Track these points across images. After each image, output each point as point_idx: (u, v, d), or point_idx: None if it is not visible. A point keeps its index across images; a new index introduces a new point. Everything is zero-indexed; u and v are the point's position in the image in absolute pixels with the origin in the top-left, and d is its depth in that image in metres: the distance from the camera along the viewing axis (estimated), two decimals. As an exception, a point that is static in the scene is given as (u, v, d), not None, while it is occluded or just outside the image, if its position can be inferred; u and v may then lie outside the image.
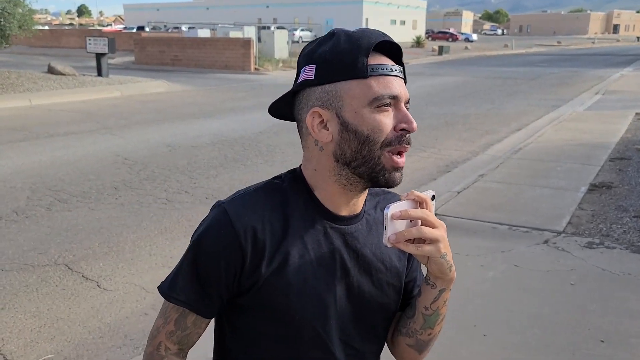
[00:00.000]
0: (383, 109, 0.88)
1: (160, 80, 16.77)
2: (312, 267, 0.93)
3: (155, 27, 43.38)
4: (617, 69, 24.00)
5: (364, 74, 0.87)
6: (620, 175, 6.26)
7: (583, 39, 75.57)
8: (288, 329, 0.94)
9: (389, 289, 1.01)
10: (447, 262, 0.91)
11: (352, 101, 0.88)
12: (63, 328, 3.18)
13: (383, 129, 0.88)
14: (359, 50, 0.87)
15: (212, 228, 0.94)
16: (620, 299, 3.38)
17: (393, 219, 0.84)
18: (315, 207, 0.95)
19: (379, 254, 0.99)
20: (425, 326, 1.01)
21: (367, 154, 0.88)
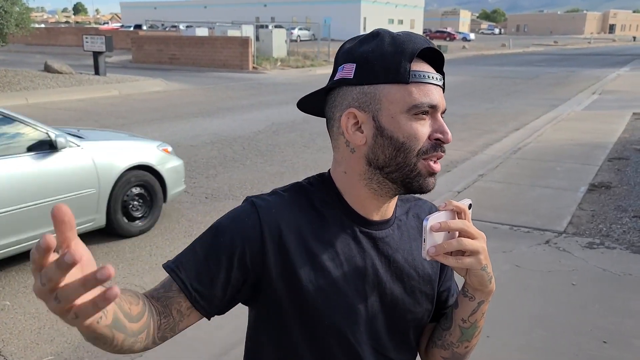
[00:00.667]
0: (421, 117, 0.85)
1: (158, 79, 16.73)
2: (341, 271, 0.89)
3: (153, 25, 43.27)
4: (614, 69, 24.06)
5: (406, 80, 0.84)
6: (618, 175, 6.27)
7: (579, 38, 75.76)
8: (316, 334, 0.90)
9: (422, 297, 0.97)
10: (487, 274, 0.88)
11: (390, 106, 0.85)
12: (63, 329, 3.16)
13: (419, 137, 0.85)
14: (402, 54, 0.84)
15: (237, 215, 0.90)
16: (622, 299, 3.38)
17: (432, 230, 0.82)
18: (345, 211, 0.92)
19: (411, 260, 0.96)
20: (463, 339, 0.97)
21: (402, 161, 0.86)
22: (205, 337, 3.04)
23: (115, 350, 0.78)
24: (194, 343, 2.98)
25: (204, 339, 3.02)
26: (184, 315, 0.87)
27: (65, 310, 0.58)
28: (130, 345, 0.78)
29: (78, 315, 0.58)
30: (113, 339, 0.72)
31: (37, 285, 0.57)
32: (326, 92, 0.93)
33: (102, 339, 0.70)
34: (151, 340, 0.83)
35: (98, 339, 0.70)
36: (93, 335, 0.68)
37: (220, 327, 3.11)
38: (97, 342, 0.72)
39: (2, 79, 13.83)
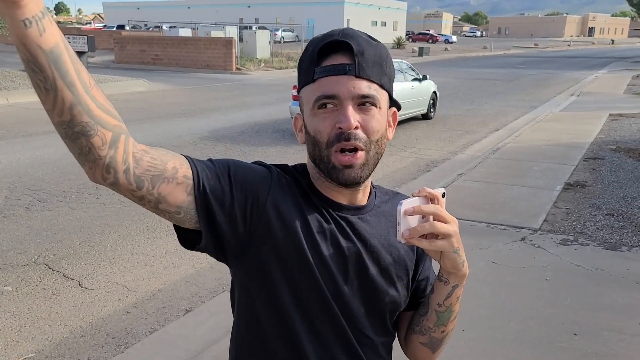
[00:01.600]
0: (326, 109, 0.90)
1: (141, 80, 16.63)
2: (327, 244, 0.94)
3: (136, 25, 42.91)
4: (592, 71, 24.50)
5: (311, 78, 0.91)
6: (593, 174, 6.42)
7: (559, 41, 76.88)
8: (307, 291, 0.94)
9: (397, 281, 1.02)
10: (460, 257, 0.92)
11: (305, 105, 0.94)
12: (44, 327, 3.16)
13: (322, 129, 0.91)
14: (311, 56, 0.92)
15: (254, 166, 0.97)
16: (593, 294, 3.49)
17: (406, 214, 0.86)
18: (319, 196, 0.98)
19: (387, 245, 1.01)
20: (439, 323, 1.02)
21: (319, 154, 0.93)
22: (186, 333, 3.07)
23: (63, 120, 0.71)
24: (175, 339, 3.01)
25: (185, 335, 3.05)
26: (175, 178, 0.83)
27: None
28: (86, 121, 0.71)
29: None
30: (52, 81, 0.68)
31: None
32: None
33: (37, 72, 0.67)
34: (119, 157, 0.75)
35: (33, 70, 0.67)
36: (29, 57, 0.66)
37: (200, 324, 3.15)
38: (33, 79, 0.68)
39: (-19, 78, 13.64)
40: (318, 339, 0.96)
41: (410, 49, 40.83)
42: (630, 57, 37.91)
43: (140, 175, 0.79)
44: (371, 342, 1.02)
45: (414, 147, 8.25)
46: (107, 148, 0.74)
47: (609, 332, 3.03)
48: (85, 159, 0.75)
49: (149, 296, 3.56)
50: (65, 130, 0.72)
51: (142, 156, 0.79)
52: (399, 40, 43.38)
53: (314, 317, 0.95)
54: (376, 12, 60.28)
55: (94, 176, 0.77)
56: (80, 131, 0.72)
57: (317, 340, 0.96)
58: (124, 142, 0.76)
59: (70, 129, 0.72)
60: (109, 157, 0.75)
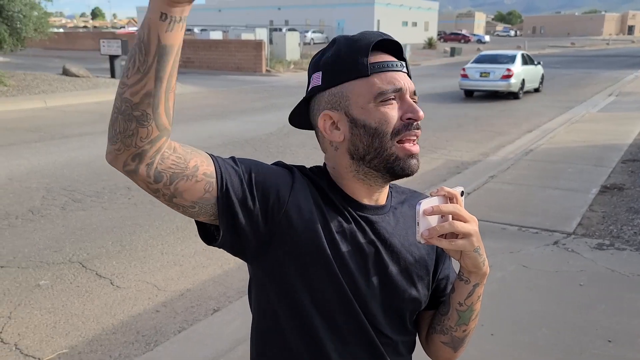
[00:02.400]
0: (388, 102, 0.93)
1: (172, 82, 16.90)
2: (348, 247, 0.95)
3: (168, 29, 43.66)
4: (632, 71, 23.74)
5: (366, 73, 0.92)
6: (632, 177, 6.22)
7: (597, 40, 74.84)
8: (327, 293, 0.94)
9: (418, 281, 1.02)
10: (480, 256, 0.93)
11: (358, 99, 0.93)
12: (77, 324, 3.25)
13: (389, 120, 0.92)
14: (358, 51, 0.93)
15: (276, 167, 0.97)
16: (629, 299, 3.38)
17: (425, 214, 0.86)
18: (341, 196, 0.98)
19: (407, 245, 1.01)
20: (460, 322, 1.02)
21: (379, 146, 0.93)
22: (213, 332, 3.11)
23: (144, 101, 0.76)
24: (203, 338, 3.05)
25: (213, 334, 3.09)
26: (195, 175, 0.84)
27: None
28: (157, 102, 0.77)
29: None
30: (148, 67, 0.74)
31: None
32: (307, 104, 1.02)
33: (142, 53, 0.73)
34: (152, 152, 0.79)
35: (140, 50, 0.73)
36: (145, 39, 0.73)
37: (228, 323, 3.18)
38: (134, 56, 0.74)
39: (21, 82, 14.12)
40: (338, 335, 0.96)
41: (441, 50, 40.42)
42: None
43: (161, 171, 0.81)
44: (390, 341, 1.02)
45: (444, 149, 8.15)
46: (146, 142, 0.78)
47: (645, 340, 2.93)
48: (121, 139, 0.77)
49: (178, 295, 3.62)
50: (126, 107, 0.76)
51: (169, 155, 0.82)
52: (430, 41, 43.00)
53: (334, 314, 0.95)
54: (407, 13, 59.84)
55: (116, 159, 0.79)
56: (137, 116, 0.76)
57: (337, 336, 0.96)
58: (161, 143, 0.80)
59: (131, 109, 0.76)
60: (142, 150, 0.78)
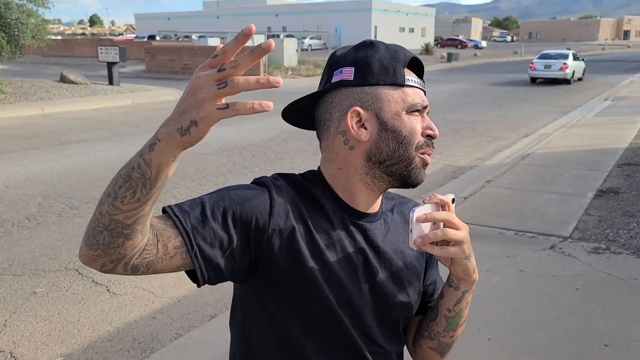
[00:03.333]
0: (415, 114, 0.96)
1: (170, 89, 16.94)
2: (337, 258, 0.94)
3: (166, 36, 43.84)
4: (627, 75, 23.86)
5: (402, 83, 0.94)
6: (628, 181, 6.24)
7: (593, 45, 75.16)
8: (313, 314, 0.93)
9: (410, 288, 1.02)
10: (471, 264, 0.94)
11: (392, 104, 0.94)
12: (73, 331, 3.24)
13: (417, 132, 0.95)
14: (397, 60, 0.95)
15: (250, 189, 0.93)
16: (626, 303, 3.38)
17: (418, 221, 0.87)
18: (337, 202, 0.97)
19: (398, 252, 1.01)
20: (448, 328, 1.03)
21: (403, 154, 0.94)
22: (210, 339, 3.10)
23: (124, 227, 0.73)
24: (199, 345, 3.04)
25: (209, 340, 3.08)
26: (167, 254, 0.82)
27: (219, 99, 0.68)
28: (134, 229, 0.74)
29: (229, 107, 0.68)
30: (149, 201, 0.72)
31: (210, 72, 0.69)
32: (318, 97, 0.99)
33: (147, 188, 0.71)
34: (132, 255, 0.78)
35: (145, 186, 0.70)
36: (155, 170, 0.70)
37: (224, 330, 3.16)
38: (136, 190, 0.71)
39: (18, 89, 14.12)
40: (327, 354, 0.96)
41: (438, 55, 40.54)
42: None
43: (137, 264, 0.80)
44: (384, 351, 1.01)
45: (442, 154, 8.17)
46: (130, 249, 0.77)
47: (642, 344, 2.93)
48: (103, 249, 0.75)
49: (174, 302, 3.61)
50: (116, 226, 0.74)
51: (144, 247, 0.80)
52: (427, 47, 43.14)
53: (322, 333, 0.95)
54: (404, 19, 60.07)
55: (94, 262, 0.77)
56: (127, 234, 0.75)
57: (326, 356, 0.96)
58: (142, 243, 0.79)
59: (122, 229, 0.74)
60: (123, 254, 0.77)
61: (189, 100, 0.69)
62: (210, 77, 0.68)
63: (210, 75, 0.68)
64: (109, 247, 0.75)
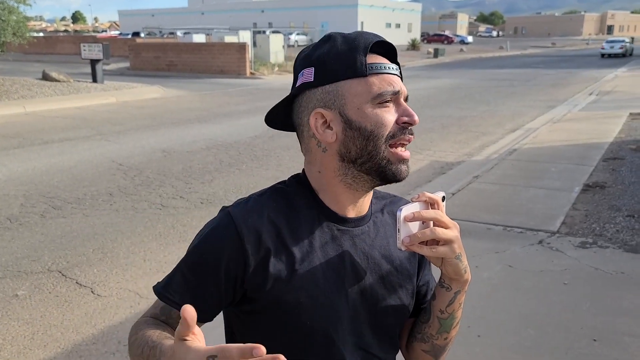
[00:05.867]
0: (384, 105, 0.89)
1: (155, 86, 16.78)
2: (321, 270, 0.90)
3: (151, 32, 43.42)
4: (611, 70, 24.10)
5: (364, 72, 0.88)
6: (613, 175, 6.28)
7: (577, 40, 75.88)
8: (299, 336, 0.91)
9: (402, 292, 0.99)
10: (462, 263, 0.90)
11: (354, 99, 0.88)
12: (56, 335, 3.17)
13: (386, 123, 0.89)
14: (356, 50, 0.89)
15: (215, 230, 0.91)
16: (614, 297, 3.39)
17: (406, 220, 0.83)
18: (321, 209, 0.94)
19: (388, 256, 0.98)
20: (442, 330, 1.00)
21: (373, 149, 0.89)
22: (197, 340, 3.04)
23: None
24: (186, 347, 2.99)
25: (196, 342, 3.03)
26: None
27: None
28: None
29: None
30: None
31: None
32: (291, 101, 0.96)
33: None
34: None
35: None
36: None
37: (212, 330, 3.12)
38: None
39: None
40: None
41: (425, 51, 40.64)
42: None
43: None
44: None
45: (429, 150, 8.17)
46: None
47: (630, 338, 2.94)
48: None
49: (160, 303, 3.55)
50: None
51: None
52: (413, 42, 43.21)
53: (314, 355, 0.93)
54: (390, 14, 60.12)
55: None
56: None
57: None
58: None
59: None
60: None
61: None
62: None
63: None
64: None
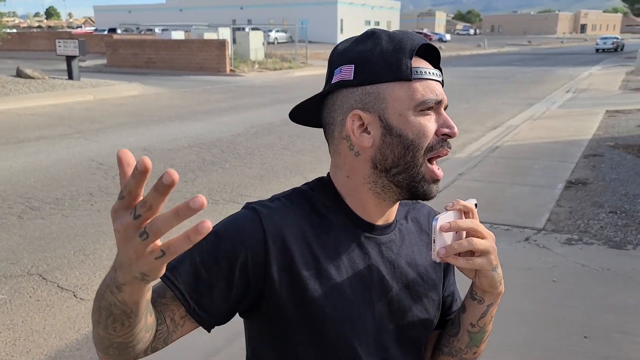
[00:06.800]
0: (426, 112, 0.84)
1: (134, 83, 16.50)
2: (347, 278, 0.85)
3: (128, 29, 42.73)
4: (586, 68, 24.54)
5: (409, 77, 0.82)
6: (594, 171, 6.37)
7: (552, 38, 77.15)
8: (322, 349, 0.85)
9: (429, 304, 0.94)
10: (498, 275, 0.86)
11: (397, 104, 0.83)
12: (39, 341, 3.06)
13: (427, 133, 0.83)
14: (402, 51, 0.83)
15: (238, 221, 0.85)
16: (602, 294, 3.42)
17: (442, 231, 0.79)
18: (348, 215, 0.88)
19: (414, 265, 0.93)
20: (471, 344, 0.95)
21: (411, 160, 0.83)
22: (184, 344, 2.97)
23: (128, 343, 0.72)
24: (173, 350, 2.91)
25: (183, 346, 2.95)
26: (177, 325, 0.81)
27: (150, 250, 0.57)
28: (139, 340, 0.73)
29: (166, 252, 0.57)
30: (140, 322, 0.70)
31: (125, 220, 0.56)
32: (322, 97, 0.89)
33: (133, 317, 0.68)
34: (148, 345, 0.77)
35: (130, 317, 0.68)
36: (134, 306, 0.66)
37: (199, 334, 3.05)
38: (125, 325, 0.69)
39: (-29, 84, 13.49)
40: None
41: (404, 48, 40.77)
42: (623, 52, 38.16)
43: (155, 345, 0.80)
44: None
45: (412, 147, 8.18)
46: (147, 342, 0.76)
47: (619, 334, 2.96)
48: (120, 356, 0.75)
49: (146, 306, 3.46)
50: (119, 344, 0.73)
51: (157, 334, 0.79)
52: (392, 40, 43.34)
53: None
54: (369, 12, 60.25)
55: None
56: (134, 345, 0.74)
57: None
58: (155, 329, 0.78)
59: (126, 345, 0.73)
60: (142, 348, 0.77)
61: (125, 257, 0.60)
62: (130, 229, 0.57)
63: (128, 226, 0.57)
64: (124, 354, 0.74)
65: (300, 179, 6.20)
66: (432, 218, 0.99)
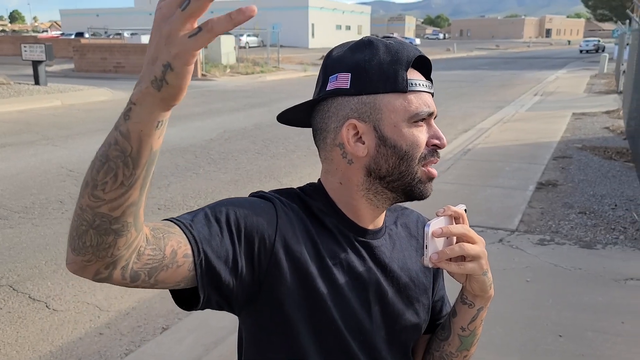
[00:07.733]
0: (419, 124, 0.86)
1: (103, 88, 16.20)
2: (345, 279, 0.86)
3: (96, 33, 41.89)
4: (553, 71, 25.17)
5: (405, 89, 0.84)
6: (564, 173, 6.53)
7: (519, 42, 78.91)
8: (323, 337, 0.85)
9: (419, 307, 0.95)
10: (488, 279, 0.89)
11: (392, 115, 0.84)
12: (11, 354, 2.97)
13: (420, 144, 0.85)
14: (399, 62, 0.84)
15: (253, 199, 0.85)
16: (574, 293, 3.51)
17: (434, 236, 0.80)
18: (340, 219, 0.89)
19: (406, 269, 0.94)
20: (462, 348, 0.97)
21: (405, 170, 0.85)
22: (163, 353, 2.93)
23: (112, 222, 0.61)
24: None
25: (163, 354, 2.91)
26: (175, 262, 0.71)
27: (187, 27, 0.55)
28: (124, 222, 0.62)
29: (202, 28, 0.55)
30: (135, 188, 0.60)
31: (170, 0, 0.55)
32: (315, 103, 0.89)
33: (130, 168, 0.59)
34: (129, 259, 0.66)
35: (126, 165, 0.58)
36: (136, 144, 0.58)
37: (179, 342, 3.01)
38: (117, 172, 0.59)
39: None
40: None
41: (375, 53, 41.11)
42: (586, 57, 39.34)
43: (137, 270, 0.69)
44: None
45: (386, 151, 8.24)
46: (124, 248, 0.64)
47: (593, 333, 3.04)
48: (93, 252, 0.63)
49: (122, 315, 3.40)
50: (102, 222, 0.61)
51: (144, 249, 0.69)
52: (363, 44, 43.67)
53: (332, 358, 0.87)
54: (340, 17, 60.61)
55: (85, 269, 0.65)
56: (116, 229, 0.62)
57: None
58: (138, 242, 0.67)
59: (109, 224, 0.62)
60: (118, 256, 0.65)
61: (154, 41, 0.56)
62: (173, 3, 0.55)
63: (172, 1, 0.55)
64: (99, 249, 0.63)
65: (275, 184, 6.18)
66: (420, 223, 1.00)
